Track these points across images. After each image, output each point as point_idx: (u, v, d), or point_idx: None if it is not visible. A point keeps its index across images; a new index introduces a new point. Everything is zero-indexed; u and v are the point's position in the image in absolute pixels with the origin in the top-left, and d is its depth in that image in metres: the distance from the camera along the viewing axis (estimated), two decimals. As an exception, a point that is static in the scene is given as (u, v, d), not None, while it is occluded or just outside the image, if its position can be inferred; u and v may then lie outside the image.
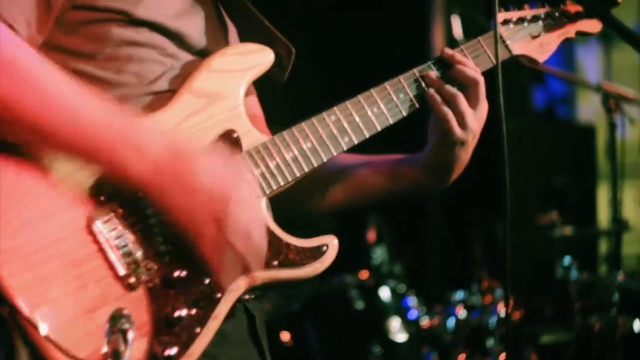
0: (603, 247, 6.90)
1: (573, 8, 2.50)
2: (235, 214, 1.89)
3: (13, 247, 1.77)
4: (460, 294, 5.34)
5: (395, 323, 5.34)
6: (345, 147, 2.20)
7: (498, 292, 5.16)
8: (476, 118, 2.26)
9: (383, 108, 2.24)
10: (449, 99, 2.25)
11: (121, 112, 1.88)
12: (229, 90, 2.09)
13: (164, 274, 1.92)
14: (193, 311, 1.92)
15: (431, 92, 2.26)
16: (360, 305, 5.38)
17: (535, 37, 2.45)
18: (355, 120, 2.21)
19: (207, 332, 1.93)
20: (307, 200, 2.41)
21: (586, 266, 5.35)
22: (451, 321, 5.26)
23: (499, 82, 2.25)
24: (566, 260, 5.04)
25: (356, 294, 5.39)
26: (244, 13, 2.24)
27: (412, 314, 5.41)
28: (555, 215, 5.31)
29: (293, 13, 6.27)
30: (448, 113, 2.24)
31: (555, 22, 2.48)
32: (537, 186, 5.76)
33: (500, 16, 2.40)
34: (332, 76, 6.13)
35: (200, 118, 2.04)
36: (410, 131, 2.71)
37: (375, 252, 5.58)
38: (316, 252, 2.08)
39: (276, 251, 2.03)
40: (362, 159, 2.40)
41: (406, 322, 5.37)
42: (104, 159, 1.84)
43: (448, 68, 2.29)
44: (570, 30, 2.50)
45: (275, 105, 2.53)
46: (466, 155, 2.31)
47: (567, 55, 7.65)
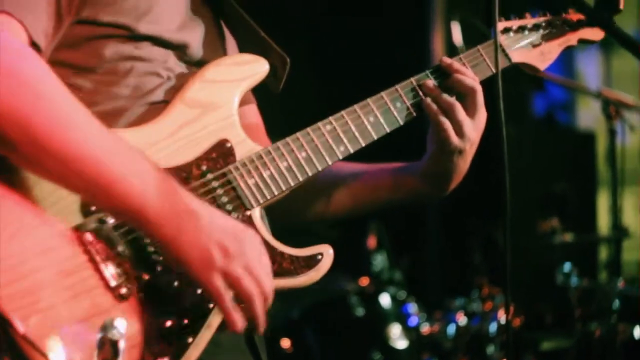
0: (603, 254, 6.89)
1: (575, 16, 2.49)
2: (246, 254, 1.86)
3: (2, 258, 1.76)
4: (460, 301, 5.33)
5: (395, 330, 5.33)
6: (340, 156, 2.19)
7: (498, 299, 5.16)
8: (474, 127, 2.26)
9: (380, 117, 2.24)
10: (447, 108, 2.24)
11: (134, 152, 1.85)
12: (223, 100, 2.09)
13: (155, 284, 1.91)
14: (185, 321, 1.92)
15: (428, 101, 2.26)
16: (360, 312, 5.37)
17: (536, 46, 2.45)
18: (351, 129, 2.20)
19: (200, 342, 1.92)
20: (304, 209, 2.41)
21: (586, 273, 5.35)
22: (451, 328, 5.26)
23: (499, 90, 2.24)
24: (566, 266, 5.03)
25: (356, 301, 5.38)
26: (241, 24, 2.25)
27: (413, 321, 5.39)
28: (555, 221, 5.30)
29: (293, 19, 6.28)
30: (445, 122, 2.24)
31: (556, 31, 2.47)
32: (537, 193, 5.75)
33: (500, 25, 2.39)
34: (332, 82, 6.14)
35: (193, 129, 2.04)
36: (409, 139, 2.71)
37: (375, 259, 5.57)
38: (311, 261, 2.08)
39: (270, 260, 2.01)
40: (360, 168, 2.40)
41: (406, 329, 5.35)
42: (117, 200, 1.81)
43: (446, 77, 2.29)
44: (571, 38, 2.50)
45: (275, 113, 2.53)
46: (464, 164, 2.30)
47: (567, 62, 7.65)
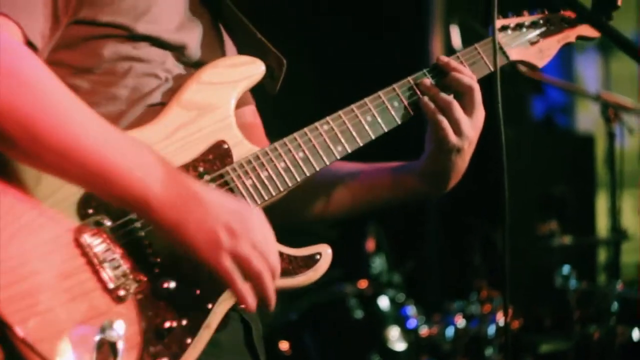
0: (602, 256, 6.90)
1: (573, 13, 2.49)
2: (252, 231, 1.87)
3: (1, 260, 1.76)
4: (459, 303, 5.34)
5: (394, 332, 5.33)
6: (338, 156, 2.19)
7: (497, 301, 5.16)
8: (472, 125, 2.25)
9: (377, 116, 2.23)
10: (444, 107, 2.24)
11: (135, 143, 1.86)
12: (220, 101, 2.09)
13: (153, 286, 1.91)
14: (184, 322, 1.92)
15: (425, 100, 2.26)
16: (359, 314, 5.37)
17: (534, 43, 2.44)
18: (348, 129, 2.20)
19: (199, 343, 1.92)
20: (302, 209, 2.41)
21: (585, 275, 5.35)
22: (450, 330, 5.25)
23: (498, 89, 2.23)
24: (565, 269, 5.03)
25: (355, 303, 5.38)
26: (238, 25, 2.24)
27: (411, 323, 5.39)
28: (554, 224, 5.31)
29: (291, 21, 6.28)
30: (443, 121, 2.23)
31: (554, 28, 2.46)
32: (536, 195, 5.75)
33: (498, 23, 2.38)
34: (330, 86, 6.13)
35: (189, 131, 2.04)
36: (406, 139, 2.71)
37: (374, 262, 5.57)
38: (309, 261, 2.08)
39: None
40: (358, 167, 2.40)
41: (405, 331, 5.35)
42: (123, 192, 1.81)
43: (443, 75, 2.29)
44: (570, 35, 2.48)
45: (273, 114, 2.53)
46: (463, 162, 2.30)
47: (566, 64, 7.66)
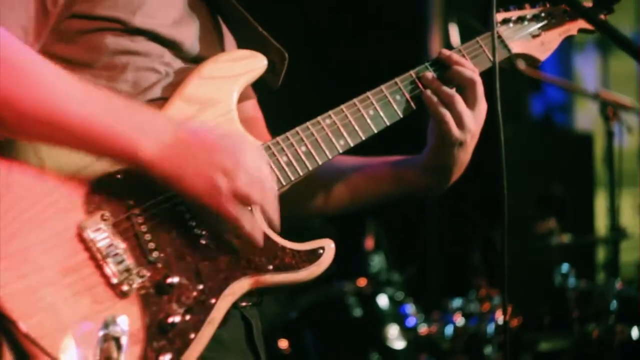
0: (601, 255, 6.90)
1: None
2: (245, 164, 1.91)
3: (3, 256, 1.77)
4: (458, 302, 5.33)
5: (393, 330, 5.33)
6: (340, 150, 2.19)
7: (496, 300, 5.15)
8: (474, 119, 2.25)
9: (379, 110, 2.23)
10: (446, 100, 2.24)
11: (124, 101, 1.90)
12: (222, 96, 2.09)
13: (157, 281, 1.91)
14: (187, 317, 1.91)
15: (428, 94, 2.25)
16: (358, 312, 5.37)
17: (535, 36, 2.42)
18: (350, 122, 2.20)
19: (202, 338, 1.91)
20: (304, 203, 2.40)
21: (584, 274, 5.35)
22: (449, 328, 5.25)
23: (496, 82, 2.22)
24: (564, 268, 5.03)
25: (354, 302, 5.38)
26: (239, 20, 2.24)
27: (410, 321, 5.39)
28: (553, 223, 5.30)
29: (292, 18, 6.27)
30: (445, 114, 2.23)
31: (556, 21, 2.45)
32: (535, 194, 5.75)
33: (499, 16, 2.38)
34: (330, 84, 6.12)
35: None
36: (409, 133, 2.71)
37: (373, 260, 5.57)
38: (312, 255, 2.07)
39: (271, 255, 2.02)
40: (361, 161, 2.40)
41: (404, 330, 5.35)
42: (115, 146, 1.86)
43: (445, 69, 2.28)
44: (571, 28, 2.47)
45: (275, 108, 2.53)
46: (465, 156, 2.29)
47: (565, 63, 7.66)
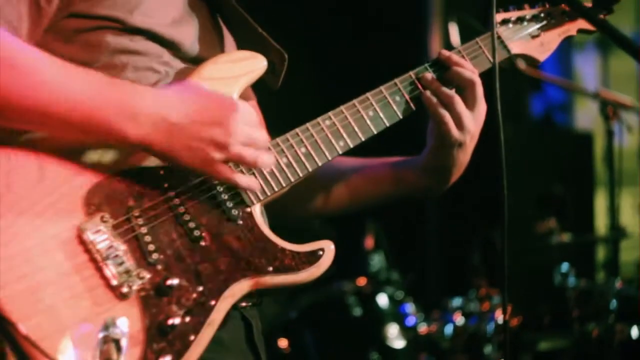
0: (601, 254, 6.90)
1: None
2: (234, 128, 1.94)
3: (3, 258, 1.77)
4: (458, 301, 5.32)
5: (393, 329, 5.32)
6: (340, 151, 2.19)
7: (496, 299, 5.15)
8: (474, 119, 2.25)
9: (379, 111, 2.23)
10: (446, 101, 2.24)
11: (107, 80, 1.91)
12: None
13: (157, 283, 1.91)
14: (187, 319, 1.91)
15: (427, 94, 2.25)
16: (358, 311, 5.37)
17: (535, 37, 2.43)
18: (350, 124, 2.20)
19: (202, 340, 1.92)
20: (304, 204, 2.40)
21: (584, 273, 5.34)
22: (449, 328, 5.25)
23: (496, 82, 2.22)
24: (564, 267, 5.03)
25: (354, 301, 5.38)
26: (238, 20, 2.24)
27: (410, 321, 5.39)
28: (553, 222, 5.30)
29: (292, 19, 6.27)
30: (445, 115, 2.23)
31: (555, 21, 2.45)
32: (535, 193, 5.75)
33: (498, 16, 2.38)
34: (329, 85, 6.12)
35: None
36: (409, 134, 2.71)
37: (373, 259, 5.57)
38: (312, 257, 2.07)
39: (271, 257, 2.03)
40: (361, 162, 2.40)
41: (404, 329, 5.35)
42: (100, 127, 1.87)
43: (445, 70, 2.28)
44: (571, 28, 2.47)
45: (272, 110, 2.53)
46: (465, 157, 2.30)
47: (565, 62, 7.65)
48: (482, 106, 2.26)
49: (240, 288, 1.99)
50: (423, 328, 5.37)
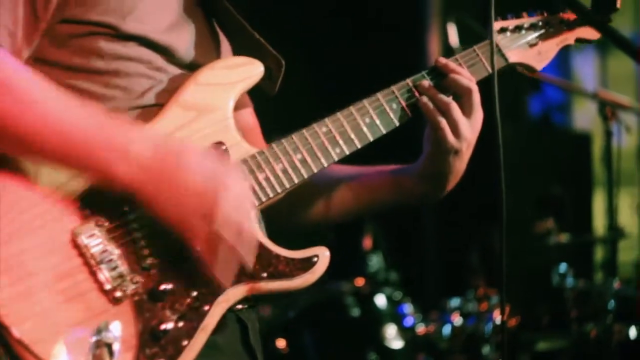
0: (599, 255, 6.90)
1: (572, 15, 2.47)
2: (224, 208, 1.88)
3: None
4: (456, 301, 5.32)
5: (391, 330, 5.33)
6: (336, 158, 2.18)
7: (494, 299, 5.15)
8: (470, 127, 2.25)
9: (375, 118, 2.23)
10: (443, 108, 2.23)
11: (104, 117, 1.89)
12: (218, 103, 2.09)
13: (150, 287, 1.91)
14: (180, 324, 1.91)
15: (424, 101, 2.25)
16: (356, 312, 5.37)
17: (533, 45, 2.42)
18: (346, 130, 2.20)
19: (195, 345, 1.92)
20: (298, 212, 2.39)
21: (582, 274, 5.36)
22: (447, 328, 5.25)
23: (495, 92, 2.23)
24: (562, 267, 5.04)
25: (352, 301, 5.38)
26: (235, 26, 2.23)
27: (408, 321, 5.39)
28: (551, 222, 5.30)
29: (289, 22, 6.27)
30: (441, 121, 2.22)
31: (553, 30, 2.45)
32: (533, 194, 5.75)
33: (497, 24, 2.38)
34: (327, 85, 6.13)
35: (188, 131, 2.04)
36: (404, 142, 2.71)
37: (371, 260, 5.57)
38: (306, 263, 2.06)
39: (265, 263, 2.02)
40: (356, 170, 2.39)
41: (402, 329, 5.35)
42: (90, 164, 1.85)
43: (442, 77, 2.28)
44: (569, 37, 2.47)
45: (271, 115, 2.53)
46: (461, 164, 2.29)
47: (563, 62, 7.65)
48: (479, 114, 2.26)
49: (234, 293, 1.99)
50: (421, 328, 5.37)
